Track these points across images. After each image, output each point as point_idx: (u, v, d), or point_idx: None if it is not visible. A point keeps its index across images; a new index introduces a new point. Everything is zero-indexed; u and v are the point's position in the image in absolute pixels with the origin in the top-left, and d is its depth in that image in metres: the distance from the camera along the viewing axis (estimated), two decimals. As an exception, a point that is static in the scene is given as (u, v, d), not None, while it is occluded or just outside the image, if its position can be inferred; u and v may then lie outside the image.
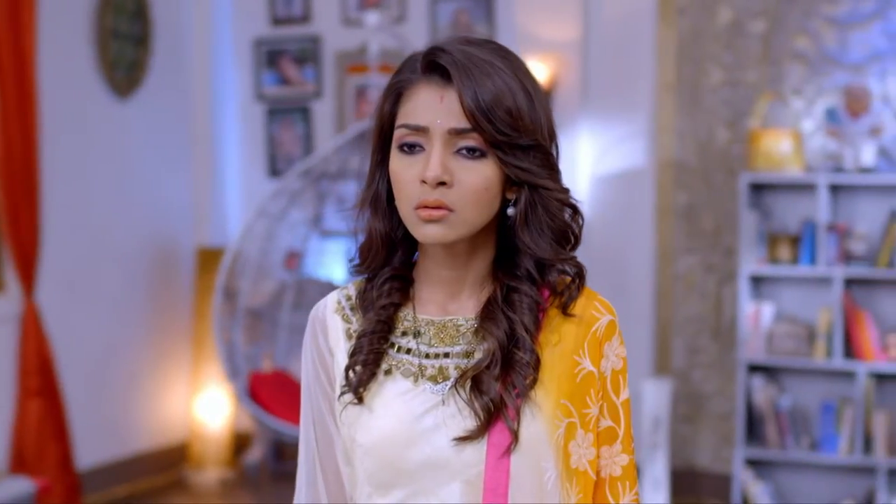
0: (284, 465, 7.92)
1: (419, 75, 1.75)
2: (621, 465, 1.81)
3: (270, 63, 8.14)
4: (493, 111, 1.69)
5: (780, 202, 6.55)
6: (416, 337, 1.80)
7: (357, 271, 1.85)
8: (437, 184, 1.70)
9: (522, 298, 1.76)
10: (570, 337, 1.78)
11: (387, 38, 6.88)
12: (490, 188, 1.73)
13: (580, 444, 1.77)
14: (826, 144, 6.64)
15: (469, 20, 7.59)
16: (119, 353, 7.33)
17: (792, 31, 6.83)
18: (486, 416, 1.71)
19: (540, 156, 1.74)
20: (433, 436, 1.73)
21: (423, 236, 1.73)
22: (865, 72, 6.67)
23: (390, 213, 1.81)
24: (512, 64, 1.75)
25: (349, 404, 1.79)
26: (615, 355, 1.81)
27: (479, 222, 1.74)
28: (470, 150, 1.71)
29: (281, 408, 6.14)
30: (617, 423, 1.81)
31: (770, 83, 6.84)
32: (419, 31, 7.60)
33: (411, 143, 1.73)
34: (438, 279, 1.81)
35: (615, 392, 1.80)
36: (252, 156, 8.21)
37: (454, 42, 1.75)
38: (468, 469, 1.72)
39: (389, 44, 7.10)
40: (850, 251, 6.29)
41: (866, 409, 6.17)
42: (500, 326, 1.74)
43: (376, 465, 1.75)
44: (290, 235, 7.02)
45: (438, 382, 1.76)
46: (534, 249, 1.75)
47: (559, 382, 1.75)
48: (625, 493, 1.82)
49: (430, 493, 1.73)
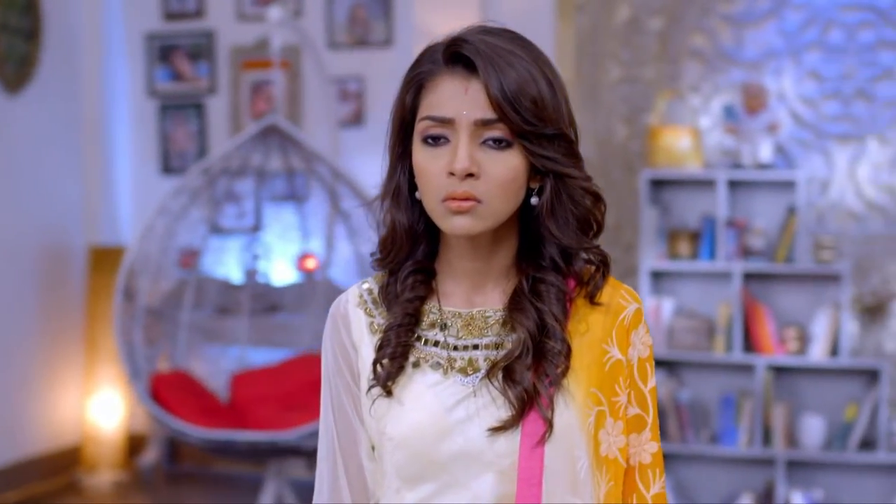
0: (180, 467, 7.82)
1: (441, 66, 1.73)
2: (651, 453, 1.82)
3: (163, 58, 8.00)
4: (519, 101, 1.68)
5: (680, 198, 6.62)
6: (442, 329, 1.78)
7: (380, 265, 1.83)
8: (465, 175, 1.69)
9: (549, 288, 1.76)
10: (597, 326, 1.78)
11: (288, 33, 6.80)
12: (517, 178, 1.72)
13: (610, 432, 1.77)
14: (724, 141, 6.72)
15: (366, 16, 7.55)
16: (8, 354, 7.14)
17: (689, 29, 6.90)
18: (521, 406, 1.70)
19: (564, 144, 1.73)
20: (466, 427, 1.72)
21: (452, 228, 1.71)
22: (761, 69, 6.77)
23: (412, 206, 1.79)
24: (531, 52, 1.74)
25: (378, 398, 1.77)
26: (642, 343, 1.81)
27: (506, 213, 1.73)
28: (496, 140, 1.70)
29: (183, 409, 6.04)
30: (645, 411, 1.81)
31: (668, 80, 6.91)
32: (316, 27, 7.54)
33: (436, 135, 1.71)
34: (462, 271, 1.80)
35: (642, 380, 1.81)
36: (144, 153, 8.07)
37: (473, 32, 1.74)
38: (501, 460, 1.71)
39: (290, 39, 7.02)
40: (748, 246, 6.37)
41: (765, 401, 6.25)
42: (529, 317, 1.73)
43: (407, 457, 1.73)
44: (189, 234, 6.92)
45: (469, 374, 1.75)
46: (560, 238, 1.75)
47: (588, 371, 1.75)
48: (655, 480, 1.82)
49: (462, 486, 1.72)
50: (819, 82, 6.76)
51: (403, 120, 1.78)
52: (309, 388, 6.33)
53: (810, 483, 6.23)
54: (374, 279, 1.87)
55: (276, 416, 6.21)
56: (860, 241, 6.67)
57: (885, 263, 6.64)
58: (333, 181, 6.66)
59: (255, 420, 6.25)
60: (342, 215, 6.78)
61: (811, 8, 6.74)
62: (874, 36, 6.68)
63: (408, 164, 1.78)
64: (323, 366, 1.87)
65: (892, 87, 6.65)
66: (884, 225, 6.65)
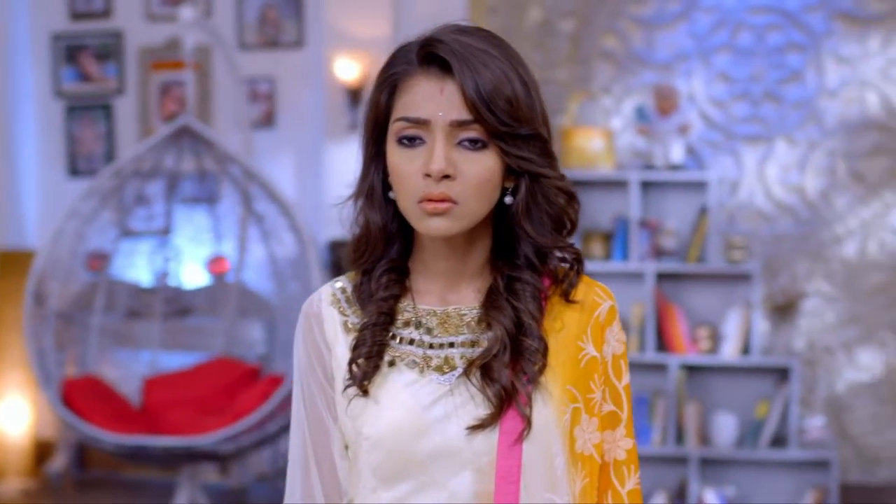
0: (89, 473, 7.71)
1: (416, 67, 1.73)
2: (625, 449, 1.82)
3: (70, 59, 7.88)
4: (495, 102, 1.68)
5: (592, 199, 6.64)
6: (417, 328, 1.79)
7: (354, 265, 1.83)
8: (441, 177, 1.69)
9: (525, 287, 1.77)
10: (573, 323, 1.79)
11: (200, 33, 6.73)
12: (492, 179, 1.72)
13: (585, 428, 1.78)
14: (636, 142, 6.78)
15: (277, 16, 7.50)
16: (-87, 360, 7.00)
17: (600, 31, 6.95)
18: (499, 404, 1.71)
19: (539, 144, 1.74)
20: (443, 425, 1.72)
21: (428, 229, 1.72)
22: (672, 71, 6.84)
23: (385, 205, 1.79)
24: (505, 51, 1.74)
25: (355, 397, 1.76)
26: (616, 340, 1.83)
27: (482, 213, 1.74)
28: (472, 141, 1.70)
29: (96, 414, 5.96)
30: (619, 408, 1.82)
31: (580, 82, 6.95)
32: (226, 27, 7.48)
33: (412, 135, 1.71)
34: (436, 270, 1.80)
35: (617, 377, 1.82)
36: (51, 155, 7.94)
37: (447, 31, 1.74)
38: (479, 458, 1.72)
39: (202, 39, 6.96)
40: (660, 247, 6.42)
41: (678, 400, 6.31)
42: (506, 314, 1.74)
43: (384, 456, 1.73)
44: (99, 237, 6.82)
45: (445, 372, 1.75)
46: (535, 237, 1.76)
47: (564, 368, 1.77)
48: (630, 475, 1.83)
49: (440, 485, 1.72)
50: (728, 84, 6.85)
51: (377, 120, 1.77)
52: (223, 391, 6.28)
53: (723, 480, 6.30)
54: (346, 278, 1.86)
55: (191, 420, 6.14)
56: (769, 241, 6.76)
57: (793, 262, 6.73)
58: (246, 183, 6.60)
59: (169, 425, 6.18)
60: (256, 217, 6.73)
61: (721, 10, 6.82)
62: (782, 38, 6.77)
63: (382, 164, 1.77)
64: (295, 364, 1.86)
65: (800, 89, 6.75)
66: (792, 225, 6.75)
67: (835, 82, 6.72)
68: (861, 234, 6.69)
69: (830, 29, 6.72)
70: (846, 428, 6.69)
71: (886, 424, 6.73)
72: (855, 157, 6.69)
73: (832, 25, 6.72)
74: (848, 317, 6.71)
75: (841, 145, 6.71)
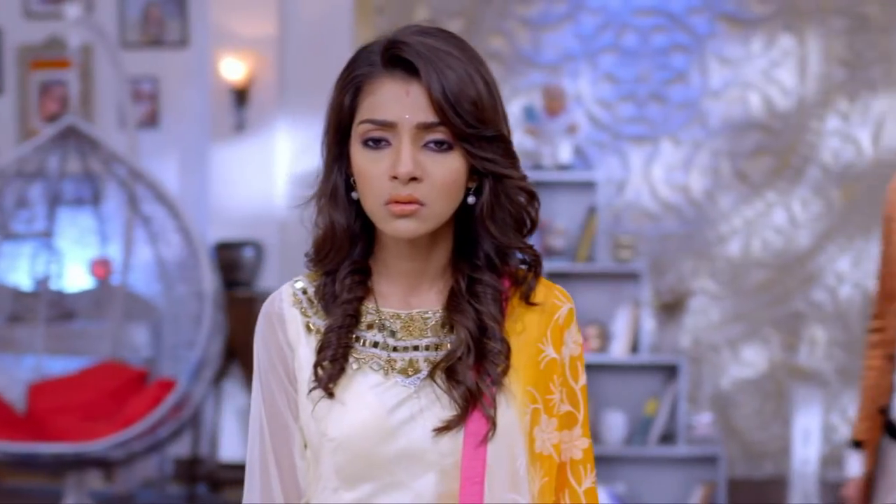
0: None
1: (380, 69, 1.72)
2: (582, 449, 1.84)
3: (-57, 57, 7.68)
4: (460, 103, 1.69)
5: (482, 199, 6.66)
6: (381, 330, 1.79)
7: (316, 266, 1.82)
8: (408, 179, 1.69)
9: (486, 289, 1.77)
10: (533, 325, 1.80)
11: (84, 31, 6.60)
12: (458, 180, 1.73)
13: (544, 429, 1.79)
14: (524, 142, 6.80)
15: (161, 15, 7.40)
16: None
17: (488, 32, 6.97)
18: (465, 405, 1.72)
19: (502, 145, 1.75)
20: (409, 427, 1.73)
21: (395, 231, 1.72)
22: (559, 72, 6.89)
23: (349, 206, 1.78)
24: (467, 52, 1.74)
25: (321, 400, 1.76)
26: (573, 342, 1.84)
27: (447, 214, 1.75)
28: (438, 143, 1.71)
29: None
30: (576, 408, 1.84)
31: (468, 82, 6.95)
32: (108, 25, 7.34)
33: (377, 137, 1.71)
34: (398, 272, 1.80)
35: (574, 378, 1.84)
36: (-74, 155, 7.73)
37: (410, 33, 1.73)
38: (444, 459, 1.73)
39: (86, 38, 6.82)
40: (550, 246, 6.46)
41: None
42: (469, 317, 1.75)
43: (349, 458, 1.73)
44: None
45: (409, 375, 1.76)
46: (498, 238, 1.77)
47: (525, 370, 1.78)
48: (586, 475, 1.85)
49: (404, 486, 1.73)
50: (615, 85, 6.92)
51: (340, 122, 1.77)
52: (111, 396, 6.17)
53: (613, 478, 6.35)
54: (306, 278, 1.85)
55: (79, 426, 6.02)
56: (656, 240, 6.85)
57: (679, 261, 6.83)
58: (133, 184, 6.50)
59: (55, 431, 6.05)
60: (142, 219, 6.62)
61: (606, 12, 6.89)
62: (667, 40, 6.86)
63: (344, 165, 1.77)
64: (255, 365, 1.85)
65: (685, 90, 6.84)
66: (678, 224, 6.84)
67: (718, 83, 6.82)
68: (745, 233, 6.80)
69: (714, 31, 6.82)
70: (732, 423, 6.81)
71: (770, 419, 6.85)
72: (738, 157, 6.81)
73: (716, 27, 6.82)
74: (732, 314, 6.82)
75: (725, 145, 6.82)
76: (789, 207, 6.75)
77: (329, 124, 1.79)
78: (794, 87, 6.74)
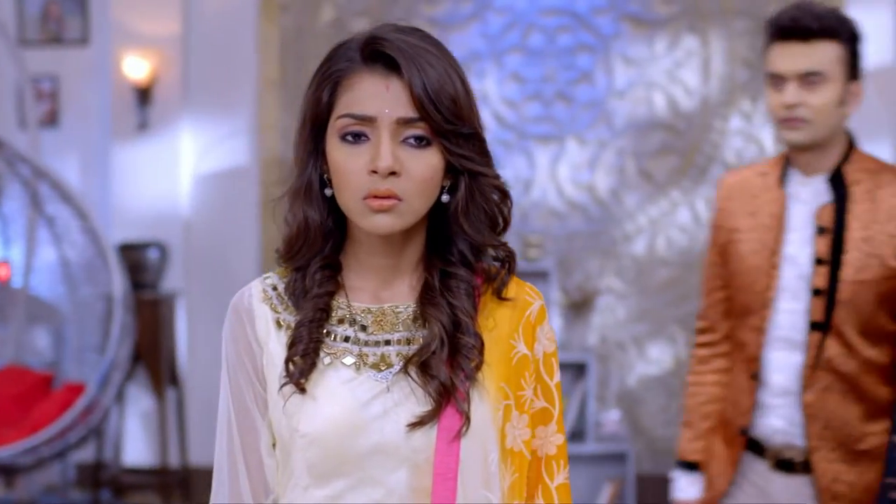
0: None
1: (359, 64, 1.75)
2: (556, 445, 1.87)
3: None
4: (440, 100, 1.71)
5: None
6: (352, 325, 1.79)
7: (287, 262, 1.82)
8: (388, 174, 1.70)
9: (459, 284, 1.80)
10: (505, 321, 1.83)
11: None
12: (435, 176, 1.75)
13: (515, 425, 1.81)
14: (431, 142, 6.81)
15: (61, 12, 7.27)
16: None
17: (394, 31, 6.95)
18: (439, 400, 1.73)
19: (478, 143, 1.77)
20: (381, 423, 1.74)
21: (374, 226, 1.73)
22: (466, 71, 6.82)
23: (322, 202, 1.79)
24: (443, 51, 1.77)
25: (292, 395, 1.75)
26: (546, 339, 1.87)
27: (424, 210, 1.77)
28: (417, 139, 1.73)
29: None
30: (551, 404, 1.87)
31: (374, 81, 6.93)
32: (6, 22, 7.19)
33: (356, 132, 1.73)
34: (371, 266, 1.82)
35: (548, 374, 1.86)
36: None
37: (388, 30, 1.77)
38: (417, 454, 1.74)
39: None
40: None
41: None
42: (443, 311, 1.77)
43: (321, 454, 1.73)
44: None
45: (381, 370, 1.77)
46: (472, 235, 1.79)
47: (497, 366, 1.80)
48: (559, 470, 1.87)
49: (376, 481, 1.74)
50: (521, 84, 6.94)
51: (317, 117, 1.78)
52: (15, 401, 6.06)
53: (522, 476, 6.38)
54: (276, 274, 1.85)
55: (-16, 433, 5.91)
56: (563, 239, 6.88)
57: (586, 260, 6.86)
58: (36, 184, 6.38)
59: (-42, 438, 5.93)
60: (46, 219, 6.50)
61: (512, 12, 6.90)
62: (573, 40, 6.89)
63: (319, 161, 1.78)
64: (224, 361, 1.84)
65: (590, 90, 6.88)
66: (584, 223, 6.88)
67: (623, 83, 6.87)
68: (650, 232, 6.86)
69: (619, 31, 6.87)
70: (639, 421, 6.86)
71: (676, 416, 6.91)
72: (643, 156, 6.86)
73: (620, 28, 6.87)
74: (638, 312, 6.88)
75: (630, 145, 6.87)
76: (693, 206, 6.81)
77: (305, 120, 1.80)
78: (698, 88, 6.81)
